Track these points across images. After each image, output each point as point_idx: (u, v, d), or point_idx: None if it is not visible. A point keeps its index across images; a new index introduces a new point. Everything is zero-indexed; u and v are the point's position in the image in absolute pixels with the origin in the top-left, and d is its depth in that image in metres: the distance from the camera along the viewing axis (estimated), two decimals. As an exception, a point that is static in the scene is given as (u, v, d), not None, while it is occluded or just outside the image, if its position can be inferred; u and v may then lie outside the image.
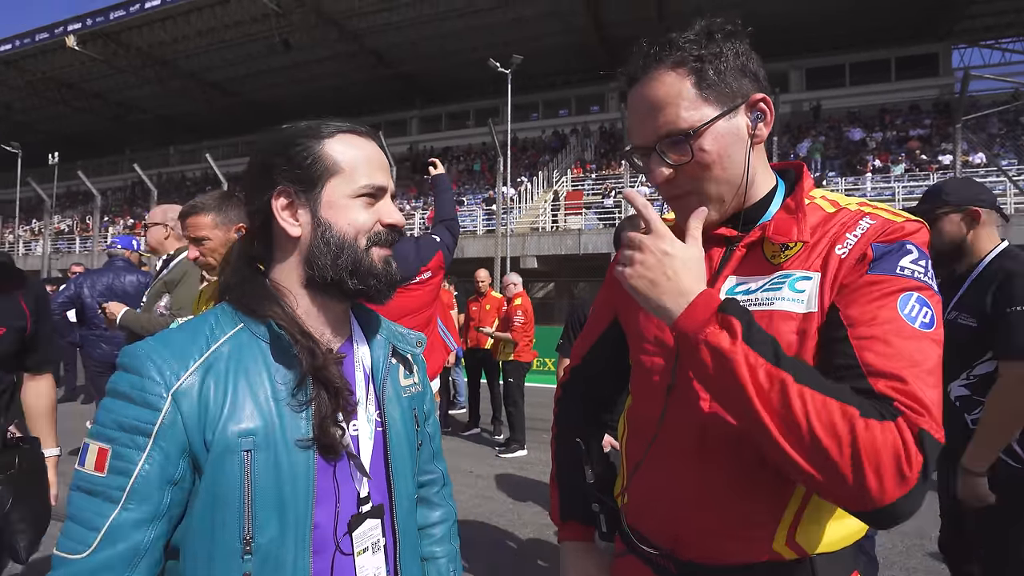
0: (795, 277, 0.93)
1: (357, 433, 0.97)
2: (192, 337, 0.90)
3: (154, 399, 0.82)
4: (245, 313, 0.93)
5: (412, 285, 2.88)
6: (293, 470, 0.86)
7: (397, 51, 25.79)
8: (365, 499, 0.96)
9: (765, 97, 0.97)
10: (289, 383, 0.90)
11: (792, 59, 24.91)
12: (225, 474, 0.83)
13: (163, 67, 27.48)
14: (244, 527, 0.83)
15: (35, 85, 29.10)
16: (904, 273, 0.86)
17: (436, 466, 1.24)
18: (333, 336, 1.00)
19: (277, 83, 28.51)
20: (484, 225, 20.82)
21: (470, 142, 29.35)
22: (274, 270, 0.98)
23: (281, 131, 0.99)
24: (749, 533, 0.92)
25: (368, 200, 0.96)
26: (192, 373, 0.85)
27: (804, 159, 20.59)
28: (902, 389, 0.77)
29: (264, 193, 0.95)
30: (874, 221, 0.92)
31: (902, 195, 16.73)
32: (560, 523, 1.24)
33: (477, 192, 24.56)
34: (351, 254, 0.94)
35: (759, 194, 1.03)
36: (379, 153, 1.01)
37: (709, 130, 0.93)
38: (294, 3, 22.50)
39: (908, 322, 0.82)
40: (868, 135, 21.53)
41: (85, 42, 25.66)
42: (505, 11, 21.69)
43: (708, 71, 0.93)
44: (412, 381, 1.13)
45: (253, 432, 0.85)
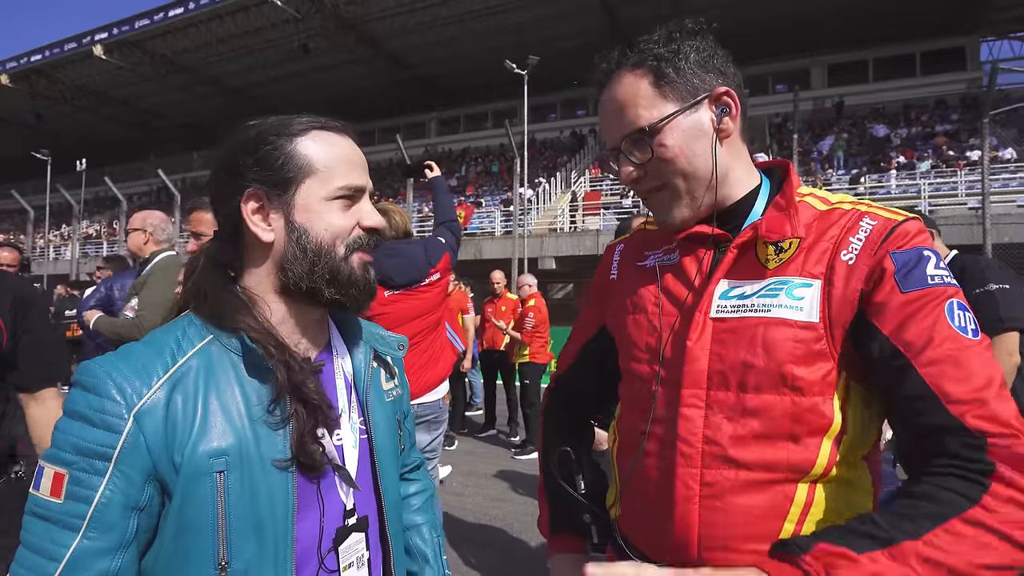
0: (793, 284, 0.90)
1: (341, 443, 0.93)
2: (156, 351, 0.83)
3: (114, 421, 0.76)
4: (215, 324, 0.87)
5: (422, 287, 2.88)
6: (270, 490, 0.81)
7: (415, 54, 25.92)
8: (351, 511, 0.92)
9: (729, 90, 0.96)
10: (264, 399, 0.84)
11: (813, 55, 24.55)
12: (197, 497, 0.78)
13: (186, 74, 27.94)
14: (219, 552, 0.78)
15: (64, 94, 29.79)
16: (936, 282, 0.85)
17: (412, 455, 1.23)
18: (310, 344, 0.95)
19: (297, 88, 28.82)
20: (502, 226, 20.82)
21: (488, 143, 29.38)
22: (245, 277, 0.92)
23: (249, 128, 0.91)
24: (748, 546, 0.89)
25: (345, 202, 0.90)
26: (156, 390, 0.79)
27: (826, 157, 20.27)
28: (990, 416, 0.76)
29: (233, 196, 0.88)
30: (875, 222, 0.90)
31: (928, 192, 16.35)
32: (550, 536, 1.21)
33: (495, 193, 24.57)
34: (328, 262, 0.88)
35: (739, 192, 1.00)
36: (356, 151, 0.94)
37: (668, 126, 0.94)
38: (313, 9, 22.74)
39: (964, 335, 0.81)
40: (892, 131, 21.09)
41: (111, 51, 26.20)
42: (522, 12, 21.68)
43: (666, 69, 0.94)
44: (393, 384, 1.09)
45: (225, 452, 0.79)
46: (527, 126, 19.80)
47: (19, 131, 32.54)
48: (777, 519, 0.89)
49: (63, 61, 27.80)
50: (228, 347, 0.86)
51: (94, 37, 26.33)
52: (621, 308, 1.11)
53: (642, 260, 1.11)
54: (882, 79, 24.04)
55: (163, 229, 3.31)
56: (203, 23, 24.46)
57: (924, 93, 23.09)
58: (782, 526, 0.88)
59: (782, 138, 22.36)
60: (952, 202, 16.09)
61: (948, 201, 16.18)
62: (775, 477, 0.88)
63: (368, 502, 0.96)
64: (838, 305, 0.87)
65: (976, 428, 0.76)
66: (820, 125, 23.17)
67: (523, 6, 21.48)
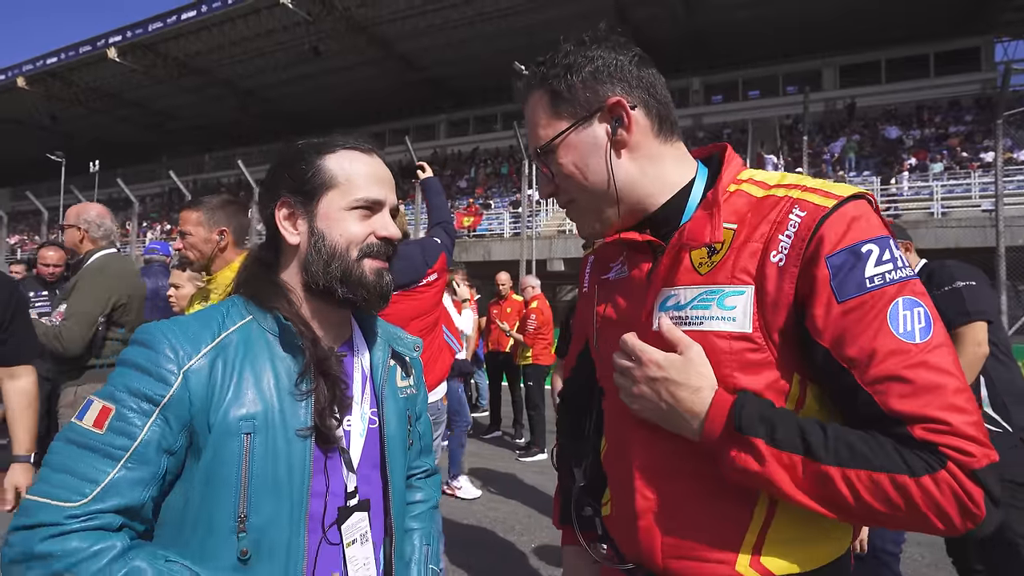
0: (724, 293, 0.86)
1: (350, 428, 1.02)
2: (205, 323, 0.95)
3: (167, 373, 0.87)
4: (255, 305, 1.00)
5: (420, 287, 2.88)
6: (289, 455, 0.91)
7: (425, 56, 26.03)
8: (352, 493, 1.00)
9: (620, 100, 0.92)
10: (292, 374, 0.95)
11: (825, 56, 24.38)
12: (225, 454, 0.88)
13: (199, 76, 28.23)
14: (240, 506, 0.87)
15: (79, 96, 30.19)
16: (876, 283, 0.78)
17: (425, 460, 1.29)
18: (334, 339, 1.06)
19: (308, 90, 29.05)
20: (511, 228, 20.84)
21: (497, 145, 29.42)
22: (281, 274, 1.04)
23: (294, 146, 1.06)
24: (710, 555, 0.88)
25: (364, 212, 1.01)
26: (203, 356, 0.91)
27: (838, 159, 20.11)
28: (940, 429, 0.74)
29: (271, 203, 1.02)
30: (804, 213, 0.83)
31: (941, 194, 16.17)
32: (560, 527, 1.26)
33: (504, 195, 24.60)
34: (341, 263, 0.99)
35: (663, 194, 0.97)
36: (380, 168, 1.06)
37: (564, 144, 0.95)
38: (324, 11, 22.89)
39: (910, 341, 0.76)
40: (905, 133, 20.91)
41: (125, 53, 26.52)
42: (532, 15, 21.72)
43: (560, 87, 0.95)
44: (408, 383, 1.18)
45: (253, 417, 0.90)
46: (536, 128, 19.77)
47: (35, 133, 32.99)
48: (740, 526, 0.87)
49: (78, 64, 28.18)
50: (264, 326, 0.98)
51: (108, 40, 26.68)
52: (590, 322, 1.12)
53: (606, 272, 1.11)
54: (895, 80, 23.84)
55: (99, 225, 3.14)
56: (215, 26, 24.71)
57: (937, 94, 22.87)
58: (744, 534, 0.87)
59: (793, 140, 22.22)
60: (966, 204, 15.91)
61: (962, 203, 16.00)
62: (732, 490, 0.86)
63: (373, 487, 1.05)
64: (771, 311, 0.83)
65: (927, 440, 0.74)
66: (832, 127, 23.00)
67: (534, 8, 21.52)
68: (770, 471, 0.79)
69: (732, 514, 0.88)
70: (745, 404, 0.81)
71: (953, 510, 0.73)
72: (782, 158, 20.70)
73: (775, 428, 0.79)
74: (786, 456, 0.78)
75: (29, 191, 26.30)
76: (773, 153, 20.93)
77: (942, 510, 0.73)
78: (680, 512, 0.91)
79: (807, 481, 0.78)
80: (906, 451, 0.75)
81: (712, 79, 26.18)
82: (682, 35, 22.59)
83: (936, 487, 0.73)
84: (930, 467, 0.73)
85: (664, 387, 0.85)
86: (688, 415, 0.84)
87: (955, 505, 0.73)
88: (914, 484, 0.73)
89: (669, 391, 0.85)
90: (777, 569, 0.86)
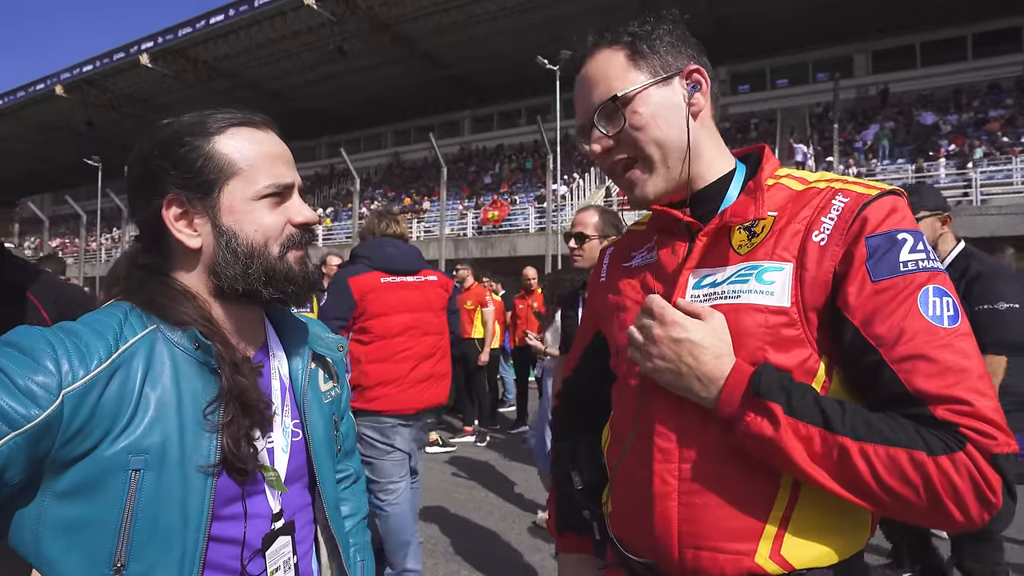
0: (763, 268, 0.88)
1: (272, 445, 0.90)
2: (98, 333, 0.77)
3: (40, 394, 0.68)
4: (158, 315, 0.82)
5: (417, 281, 3.15)
6: (185, 495, 0.77)
7: (448, 53, 26.11)
8: (278, 515, 0.89)
9: (700, 68, 0.97)
10: (199, 399, 0.80)
11: (856, 42, 23.71)
12: (105, 492, 0.72)
13: (227, 79, 28.77)
14: (118, 552, 0.73)
15: (113, 102, 31.04)
16: (909, 268, 0.81)
17: (348, 464, 1.19)
18: (248, 344, 0.92)
19: (334, 89, 29.38)
20: (536, 223, 20.81)
21: (521, 140, 29.38)
22: (177, 279, 0.87)
23: (162, 128, 0.86)
24: (729, 546, 0.86)
25: (274, 200, 0.87)
26: (92, 376, 0.72)
27: (870, 146, 19.60)
28: (963, 410, 0.74)
29: (152, 202, 0.84)
30: (847, 199, 0.87)
31: (981, 180, 15.65)
32: (557, 535, 1.22)
33: (529, 190, 24.58)
34: (262, 263, 0.85)
35: (712, 173, 0.99)
36: (280, 145, 0.90)
37: (641, 95, 0.94)
38: (348, 11, 23.12)
39: (938, 324, 0.78)
40: (942, 118, 20.25)
41: (157, 59, 27.21)
42: (554, 8, 21.60)
43: (641, 45, 0.96)
44: (332, 385, 1.07)
45: (146, 450, 0.74)
46: (560, 122, 19.73)
47: (72, 139, 34.02)
48: (760, 515, 0.86)
49: (112, 71, 28.99)
50: (172, 340, 0.81)
51: (141, 46, 27.39)
52: (607, 310, 1.11)
53: (628, 260, 1.11)
54: (931, 64, 23.05)
55: None
56: (242, 29, 25.15)
57: (976, 77, 22.06)
58: (766, 523, 0.85)
59: (823, 128, 21.72)
60: (1007, 190, 15.38)
61: (1002, 190, 15.47)
62: (756, 471, 0.85)
63: (299, 504, 0.94)
64: (810, 288, 0.84)
65: (948, 420, 0.74)
66: (864, 114, 22.41)
67: (556, 2, 21.39)
68: (784, 439, 0.78)
69: (753, 502, 0.86)
70: (764, 372, 0.82)
71: (970, 495, 0.72)
72: (812, 147, 20.26)
73: (792, 396, 0.79)
74: (803, 427, 0.78)
75: (68, 195, 27.15)
76: (803, 142, 20.49)
77: (959, 494, 0.72)
78: (699, 499, 0.89)
79: (823, 454, 0.77)
80: (926, 431, 0.74)
81: (738, 68, 25.66)
82: (706, 25, 22.21)
83: (954, 468, 0.72)
84: (949, 447, 0.73)
85: (687, 349, 0.85)
86: (707, 379, 0.84)
87: (972, 490, 0.72)
88: (932, 463, 0.72)
89: (692, 353, 0.84)
90: (797, 561, 0.85)
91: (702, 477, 0.89)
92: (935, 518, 0.75)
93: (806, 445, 0.77)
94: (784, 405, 0.79)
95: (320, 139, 35.55)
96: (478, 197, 25.64)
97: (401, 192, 29.20)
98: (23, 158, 38.63)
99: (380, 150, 34.59)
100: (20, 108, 32.69)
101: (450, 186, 23.93)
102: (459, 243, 21.51)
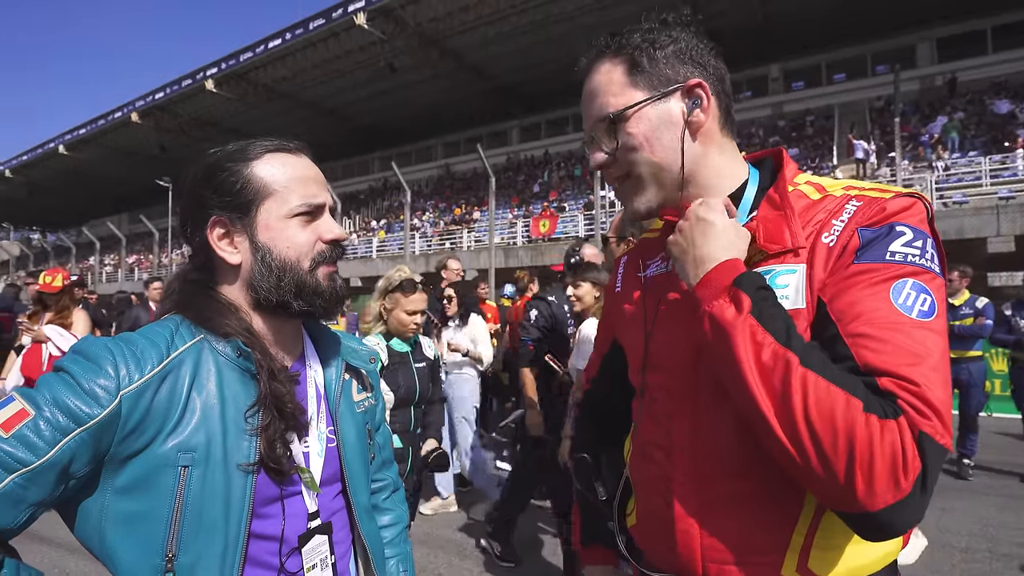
0: (777, 272, 0.86)
1: (308, 450, 0.96)
2: (152, 342, 0.86)
3: (102, 394, 0.78)
4: (204, 326, 0.91)
5: None
6: (228, 492, 0.83)
7: (495, 64, 26.37)
8: (314, 515, 0.95)
9: (701, 82, 0.93)
10: (241, 403, 0.88)
11: (918, 30, 22.49)
12: (158, 487, 0.80)
13: (286, 99, 29.95)
14: (169, 543, 0.80)
15: (183, 127, 32.81)
16: (895, 259, 0.79)
17: (386, 474, 1.24)
18: (285, 355, 0.99)
19: (386, 105, 30.12)
20: (585, 230, 20.70)
21: (570, 148, 29.29)
22: (222, 293, 0.96)
23: (207, 157, 0.96)
24: (755, 559, 0.85)
25: (305, 219, 0.94)
26: (146, 379, 0.81)
27: (938, 139, 18.57)
28: (907, 387, 0.71)
29: (200, 225, 0.93)
30: (860, 203, 0.86)
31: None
32: (582, 549, 1.20)
33: (579, 197, 24.48)
34: (294, 276, 0.93)
35: (724, 186, 0.97)
36: (312, 169, 0.98)
37: (636, 114, 0.93)
38: (397, 29, 23.71)
39: (904, 312, 0.75)
40: (1018, 107, 18.96)
41: (221, 84, 28.61)
42: (601, 14, 21.52)
43: (641, 58, 0.93)
44: (365, 395, 1.12)
45: (193, 448, 0.82)
46: (607, 127, 19.52)
47: (146, 162, 36.09)
48: (784, 529, 0.83)
49: (180, 97, 30.63)
50: (217, 349, 0.90)
51: (206, 72, 28.87)
52: (622, 320, 1.10)
53: (642, 270, 1.10)
54: (1003, 49, 21.60)
55: None
56: (299, 51, 26.15)
57: (1055, 61, 20.57)
58: (791, 536, 0.83)
59: (884, 123, 20.73)
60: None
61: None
62: (779, 484, 0.82)
63: (335, 508, 1.00)
64: (819, 289, 0.83)
65: (888, 390, 0.71)
66: (930, 105, 21.23)
67: (602, 7, 21.31)
68: (738, 331, 0.77)
69: (779, 515, 0.84)
70: (753, 274, 0.83)
71: (884, 466, 0.68)
72: (873, 142, 19.37)
73: (766, 303, 0.79)
74: (761, 332, 0.76)
75: (143, 215, 28.73)
76: (863, 138, 19.62)
77: (873, 461, 0.68)
78: (723, 513, 0.87)
79: (768, 365, 0.74)
80: (870, 393, 0.72)
81: (792, 65, 24.82)
82: (758, 23, 21.65)
83: (880, 432, 0.69)
84: (884, 413, 0.70)
85: (701, 229, 0.87)
86: (701, 259, 0.85)
87: (888, 462, 0.68)
88: (863, 418, 0.69)
89: (704, 232, 0.87)
90: (824, 573, 0.83)
91: (726, 494, 0.87)
92: (835, 484, 0.70)
93: (756, 349, 0.76)
94: (754, 306, 0.78)
95: (373, 153, 36.43)
96: (527, 206, 25.71)
97: (451, 203, 29.63)
98: (106, 181, 41.36)
99: (430, 162, 35.16)
100: (101, 135, 34.99)
101: (499, 196, 24.12)
102: (509, 252, 21.63)
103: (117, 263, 39.46)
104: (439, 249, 24.20)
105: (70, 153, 36.86)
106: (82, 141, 35.98)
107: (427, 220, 28.79)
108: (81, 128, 35.82)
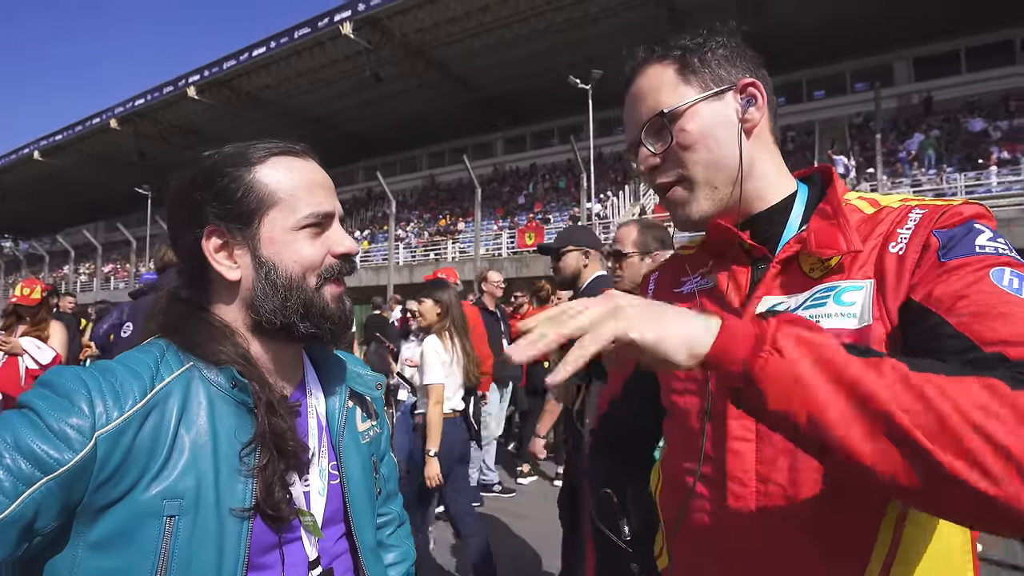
0: (841, 288, 0.80)
1: (309, 489, 0.86)
2: (134, 373, 0.75)
3: (73, 435, 0.66)
4: (194, 353, 0.80)
5: None
6: (221, 541, 0.74)
7: (481, 76, 26.46)
8: (315, 562, 0.85)
9: (755, 81, 0.91)
10: (235, 440, 0.77)
11: (896, 49, 23.09)
12: (139, 541, 0.69)
13: (270, 108, 29.73)
14: None
15: (163, 134, 32.36)
16: (986, 251, 0.73)
17: (391, 507, 1.15)
18: (285, 383, 0.89)
19: (371, 115, 30.04)
20: (570, 241, 20.72)
21: (555, 160, 29.46)
22: (215, 314, 0.86)
23: (204, 159, 0.85)
24: None
25: (314, 231, 0.84)
26: (127, 417, 0.70)
27: (915, 156, 19.01)
28: None
29: (192, 233, 0.82)
30: (925, 210, 0.81)
31: (1036, 188, 14.98)
32: None
33: (564, 209, 24.57)
34: (300, 295, 0.83)
35: (772, 196, 0.93)
36: (320, 174, 0.88)
37: (690, 111, 0.89)
38: (383, 39, 23.71)
39: (1013, 293, 0.67)
40: (991, 124, 19.50)
41: (203, 91, 28.31)
42: (585, 29, 21.73)
43: (691, 59, 0.91)
44: (370, 424, 1.02)
45: (180, 495, 0.71)
46: (593, 140, 19.74)
47: (125, 169, 35.54)
48: (855, 567, 0.76)
49: (161, 104, 30.25)
50: (208, 379, 0.79)
51: (188, 79, 28.59)
52: None
53: (678, 287, 1.04)
54: (977, 69, 22.26)
55: None
56: (283, 59, 26.01)
57: (1026, 82, 21.21)
58: (864, 570, 0.76)
59: (864, 139, 21.16)
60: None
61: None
62: (847, 517, 0.76)
63: (338, 551, 0.91)
64: (892, 299, 0.77)
65: (1019, 358, 0.59)
66: (907, 123, 21.76)
67: (586, 22, 21.50)
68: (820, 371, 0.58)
69: (849, 552, 0.77)
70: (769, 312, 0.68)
71: None
72: (853, 158, 19.75)
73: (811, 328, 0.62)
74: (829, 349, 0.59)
75: (120, 223, 28.22)
76: (843, 153, 19.99)
77: None
78: (787, 552, 0.79)
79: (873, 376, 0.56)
80: (993, 371, 0.58)
81: (773, 81, 24.83)
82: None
83: None
84: (1016, 380, 0.55)
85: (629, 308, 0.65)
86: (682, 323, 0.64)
87: None
88: (1011, 395, 0.54)
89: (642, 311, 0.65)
90: None
91: (789, 528, 0.79)
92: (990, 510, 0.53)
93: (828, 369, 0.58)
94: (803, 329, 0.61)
95: (357, 163, 36.27)
96: (512, 217, 25.74)
97: (436, 214, 29.55)
98: (82, 188, 40.53)
99: (415, 172, 35.09)
100: (78, 141, 34.35)
101: (484, 207, 24.10)
102: (494, 263, 21.60)
103: (92, 272, 38.62)
104: (423, 260, 24.06)
105: (45, 159, 36.10)
106: (58, 147, 35.26)
107: (411, 231, 28.67)
108: (57, 134, 35.12)
